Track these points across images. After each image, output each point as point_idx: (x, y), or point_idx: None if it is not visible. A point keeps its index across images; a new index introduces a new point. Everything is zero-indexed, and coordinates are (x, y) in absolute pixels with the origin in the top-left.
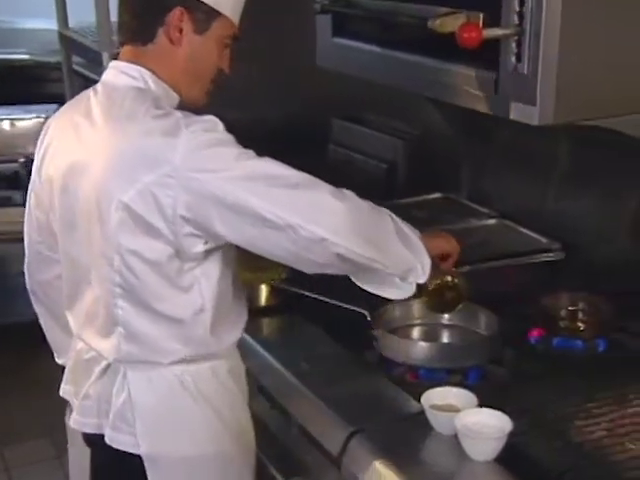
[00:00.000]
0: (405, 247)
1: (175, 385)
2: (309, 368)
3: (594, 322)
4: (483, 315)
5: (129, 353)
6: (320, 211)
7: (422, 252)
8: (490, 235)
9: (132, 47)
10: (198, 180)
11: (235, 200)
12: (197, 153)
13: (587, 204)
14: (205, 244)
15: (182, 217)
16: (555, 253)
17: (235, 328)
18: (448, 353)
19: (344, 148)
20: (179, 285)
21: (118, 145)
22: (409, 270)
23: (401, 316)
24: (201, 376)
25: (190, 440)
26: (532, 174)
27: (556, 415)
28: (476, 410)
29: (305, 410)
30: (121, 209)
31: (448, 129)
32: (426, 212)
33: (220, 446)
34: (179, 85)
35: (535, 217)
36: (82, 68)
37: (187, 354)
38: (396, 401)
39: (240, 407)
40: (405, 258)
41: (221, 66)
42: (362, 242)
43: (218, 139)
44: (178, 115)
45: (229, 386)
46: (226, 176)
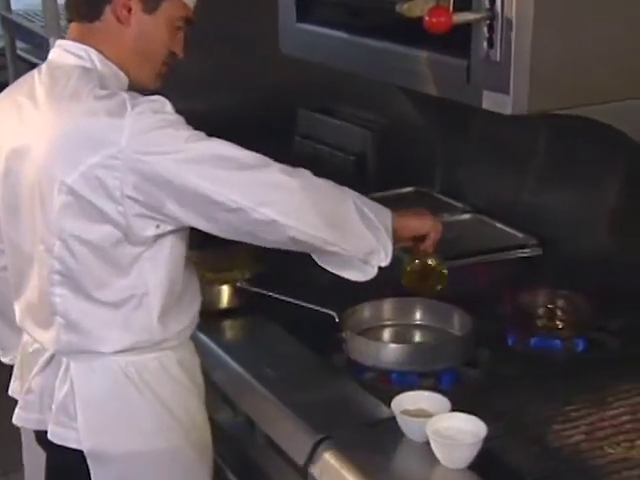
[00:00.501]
0: (367, 228)
1: (119, 376)
2: (274, 373)
3: (573, 321)
4: (457, 315)
5: (69, 343)
6: (271, 192)
7: (385, 234)
8: (464, 231)
9: (79, 25)
10: (145, 162)
11: (184, 183)
12: (144, 135)
13: (565, 198)
14: (157, 227)
15: (130, 197)
16: (532, 249)
17: (184, 317)
18: (420, 355)
19: (310, 140)
20: (122, 269)
21: (61, 126)
22: (370, 253)
23: (371, 317)
24: (147, 367)
25: (136, 434)
26: (508, 166)
27: (533, 419)
28: (449, 415)
29: (270, 417)
30: (65, 192)
31: (420, 119)
32: (396, 207)
33: (170, 441)
34: (127, 66)
35: (511, 211)
36: (27, 54)
37: (130, 342)
38: (365, 407)
39: (193, 402)
40: (366, 240)
41: (173, 49)
42: (317, 223)
43: (166, 120)
44: (124, 95)
45: (180, 379)
46: (174, 158)
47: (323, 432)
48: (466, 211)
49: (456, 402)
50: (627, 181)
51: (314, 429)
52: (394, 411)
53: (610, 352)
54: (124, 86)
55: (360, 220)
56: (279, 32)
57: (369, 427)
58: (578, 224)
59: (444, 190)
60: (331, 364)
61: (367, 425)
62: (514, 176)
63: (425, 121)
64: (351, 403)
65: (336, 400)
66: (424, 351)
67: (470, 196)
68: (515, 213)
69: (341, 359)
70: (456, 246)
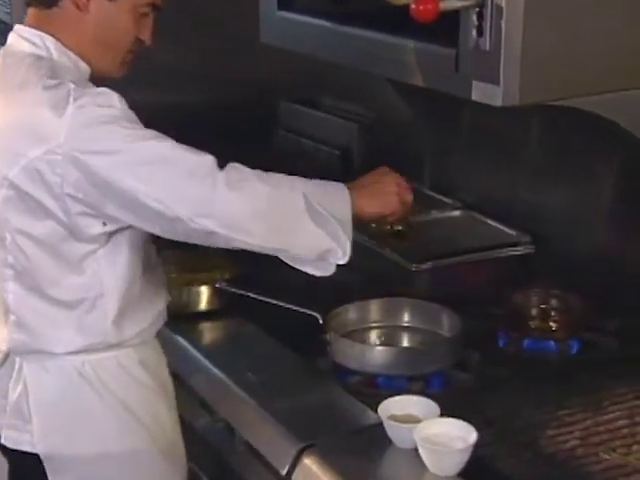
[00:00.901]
0: (320, 228)
1: (74, 376)
2: (254, 377)
3: (567, 321)
4: (446, 316)
5: (21, 342)
6: (211, 205)
7: (341, 231)
8: (454, 228)
9: (36, 11)
10: (83, 160)
11: (121, 186)
12: (83, 130)
13: (559, 193)
14: (104, 225)
15: (70, 196)
16: (525, 247)
17: (144, 317)
18: (408, 358)
19: (293, 134)
20: (76, 268)
21: (7, 116)
22: (325, 252)
23: (356, 318)
24: (104, 366)
25: (94, 437)
26: (500, 161)
27: (526, 424)
28: (438, 420)
29: (250, 423)
30: (6, 186)
31: (408, 112)
32: None
33: (132, 445)
34: (89, 55)
35: (503, 208)
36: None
37: (83, 344)
38: (351, 412)
39: (157, 403)
40: (319, 240)
41: (140, 36)
42: (262, 234)
43: (110, 116)
44: (70, 86)
45: (142, 379)
46: (112, 159)
47: (306, 439)
48: (456, 207)
49: (445, 407)
50: (623, 175)
51: (297, 436)
52: (381, 417)
53: (606, 354)
54: (85, 76)
55: (312, 220)
56: (260, 21)
57: (355, 434)
58: (573, 221)
59: (433, 186)
60: (315, 368)
61: (352, 432)
62: (506, 171)
63: (413, 113)
64: (336, 409)
65: (320, 405)
66: (412, 354)
67: (461, 192)
68: (507, 209)
69: (325, 362)
70: (446, 244)
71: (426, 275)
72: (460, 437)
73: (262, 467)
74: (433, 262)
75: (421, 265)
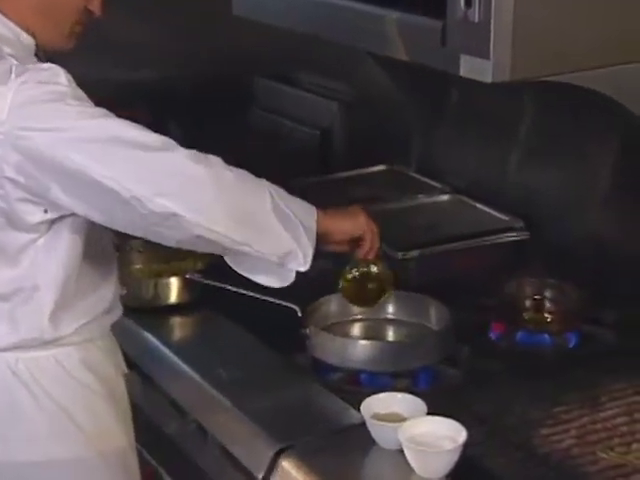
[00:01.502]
0: (283, 227)
1: (7, 375)
2: (229, 375)
3: (563, 313)
4: (434, 307)
5: None
6: (172, 180)
7: (305, 234)
8: (443, 213)
9: None
10: (26, 138)
11: (71, 165)
12: (26, 108)
13: (555, 175)
14: (45, 212)
15: (10, 180)
16: (518, 233)
17: (83, 314)
18: (393, 353)
19: (269, 113)
20: (12, 260)
21: None
22: (287, 254)
23: (338, 311)
24: (40, 366)
25: (28, 441)
26: (491, 142)
27: (518, 422)
28: (425, 419)
29: (224, 425)
30: None
31: (392, 89)
32: (367, 188)
33: (72, 451)
34: (32, 27)
35: (495, 192)
36: None
37: (17, 339)
38: (332, 411)
39: (101, 406)
40: (282, 241)
41: (89, 6)
42: (225, 220)
43: (55, 92)
44: (12, 62)
45: (84, 381)
46: (60, 136)
47: (284, 441)
48: (445, 192)
49: (433, 404)
50: (622, 155)
51: (274, 437)
52: (363, 415)
53: (604, 347)
54: (29, 49)
55: (276, 217)
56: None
57: (336, 434)
58: (569, 205)
59: (420, 168)
60: (293, 364)
61: (333, 432)
62: (498, 152)
63: (398, 91)
64: (315, 407)
65: (299, 404)
66: (397, 348)
67: (449, 175)
68: (499, 193)
69: (304, 358)
70: (434, 231)
71: (413, 264)
72: (448, 437)
73: (237, 471)
74: (420, 250)
75: (407, 253)
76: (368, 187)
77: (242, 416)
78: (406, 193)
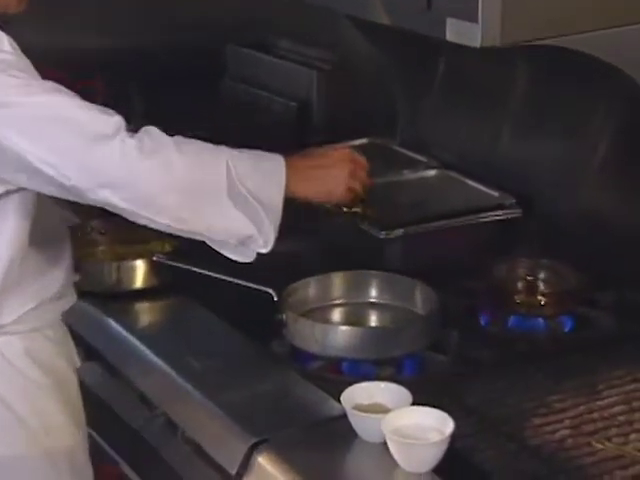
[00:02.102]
0: (240, 210)
1: None
2: (199, 364)
3: (558, 295)
4: (419, 290)
5: None
6: (118, 173)
7: (267, 219)
8: (429, 190)
9: None
10: None
11: (8, 144)
12: None
13: (548, 148)
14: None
15: None
16: (510, 210)
17: (27, 301)
18: (376, 339)
19: (243, 83)
20: None
21: None
22: (246, 238)
23: (317, 295)
24: None
25: None
26: (481, 113)
27: (510, 412)
28: (410, 409)
29: (195, 418)
30: None
31: (375, 57)
32: None
33: (13, 447)
34: None
35: (485, 166)
36: None
37: None
38: (311, 402)
39: (46, 401)
40: (239, 226)
41: None
42: (172, 213)
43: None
44: None
45: (28, 373)
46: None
47: (259, 434)
48: (432, 166)
49: (419, 394)
50: (622, 125)
51: (248, 430)
52: (344, 406)
53: (602, 332)
54: None
55: (232, 202)
56: None
57: (315, 426)
58: (564, 179)
59: (405, 142)
60: (269, 352)
61: (313, 424)
62: (488, 124)
63: (381, 58)
64: (293, 398)
65: (275, 395)
66: (381, 334)
67: (436, 149)
68: (490, 168)
69: (281, 346)
70: (420, 208)
71: (397, 244)
72: (435, 428)
73: (209, 468)
74: (405, 229)
75: (391, 232)
76: None
77: (214, 408)
78: (390, 168)
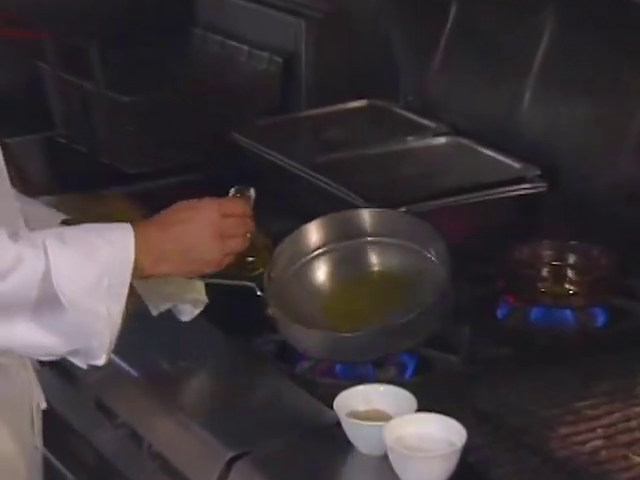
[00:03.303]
0: (54, 331)
1: None
2: (170, 367)
3: (589, 283)
4: (429, 278)
5: None
6: None
7: (93, 328)
8: (439, 160)
9: None
10: None
11: None
12: None
13: (579, 112)
14: None
15: None
16: (532, 184)
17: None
18: (375, 335)
19: (217, 34)
20: None
21: None
22: (69, 353)
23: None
24: None
25: None
26: (499, 70)
27: (532, 420)
28: (415, 417)
29: (165, 430)
30: None
31: (374, 3)
32: (343, 129)
33: None
34: None
35: (503, 132)
36: None
37: None
38: (299, 409)
39: None
40: (48, 344)
41: None
42: None
43: None
44: None
45: None
46: None
47: (239, 447)
48: (442, 133)
49: (425, 399)
50: None
51: (226, 443)
52: (338, 413)
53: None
54: None
55: (34, 320)
56: None
57: (304, 437)
58: (597, 148)
59: (410, 104)
60: (251, 352)
61: (301, 434)
62: (507, 83)
63: (382, 5)
64: (278, 405)
65: (257, 401)
66: (382, 330)
67: (447, 112)
68: (509, 134)
69: (266, 345)
70: (426, 182)
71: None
72: (444, 439)
73: None
74: (408, 207)
75: None
76: (344, 128)
77: (186, 418)
78: (392, 135)
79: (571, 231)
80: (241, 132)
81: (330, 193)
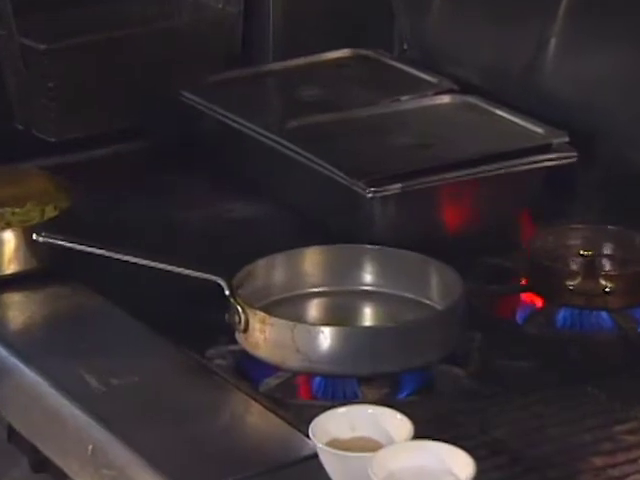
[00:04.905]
0: None
1: None
2: (101, 386)
3: (629, 278)
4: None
5: None
6: None
7: None
8: (443, 124)
9: None
10: None
11: None
12: None
13: (616, 62)
14: None
15: None
16: (559, 153)
17: None
18: (366, 344)
19: None
20: None
21: None
22: None
23: (284, 281)
24: None
25: None
26: (516, 12)
27: (557, 450)
28: (411, 446)
29: (91, 472)
30: None
31: None
32: (322, 85)
33: None
34: None
35: (523, 89)
36: None
37: None
38: (266, 438)
39: None
40: None
41: None
42: None
43: None
44: None
45: None
46: None
47: None
48: (445, 90)
49: (424, 424)
50: None
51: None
52: (315, 442)
53: None
54: None
55: None
56: None
57: (273, 473)
58: (636, 108)
59: (407, 54)
60: (207, 367)
61: (269, 470)
62: (527, 27)
63: None
64: (240, 433)
65: (213, 429)
66: (371, 337)
67: (452, 64)
68: (530, 91)
69: (228, 357)
70: (428, 152)
71: (391, 206)
72: (447, 471)
73: None
74: (404, 184)
75: (383, 189)
76: (323, 84)
77: (122, 450)
78: (384, 92)
79: (608, 213)
80: (191, 90)
81: (305, 167)
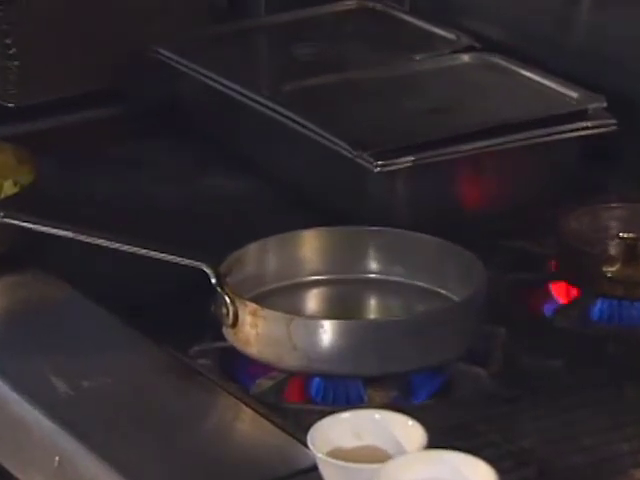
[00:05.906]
0: None
1: None
2: (70, 390)
3: None
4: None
5: None
6: None
7: None
8: (462, 88)
9: None
10: None
11: None
12: None
13: None
14: None
15: None
16: (596, 121)
17: None
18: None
19: None
20: None
21: None
22: None
23: (277, 269)
24: None
25: None
26: None
27: (592, 461)
28: (424, 456)
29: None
30: None
31: None
32: (320, 44)
33: None
34: None
35: (553, 46)
36: None
37: None
38: (260, 449)
39: None
40: None
41: None
42: None
43: None
44: None
45: None
46: None
47: None
48: (464, 48)
49: (439, 431)
50: None
51: None
52: (314, 452)
53: None
54: None
55: None
56: None
57: None
58: None
59: (420, 7)
60: (191, 367)
61: None
62: None
63: None
64: (230, 443)
65: (200, 440)
66: (379, 331)
67: (471, 18)
68: (562, 49)
69: (215, 355)
70: (444, 119)
71: (401, 181)
72: None
73: None
74: (415, 156)
75: (392, 163)
76: (323, 42)
77: (95, 462)
78: (394, 51)
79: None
80: (170, 48)
81: (302, 137)
